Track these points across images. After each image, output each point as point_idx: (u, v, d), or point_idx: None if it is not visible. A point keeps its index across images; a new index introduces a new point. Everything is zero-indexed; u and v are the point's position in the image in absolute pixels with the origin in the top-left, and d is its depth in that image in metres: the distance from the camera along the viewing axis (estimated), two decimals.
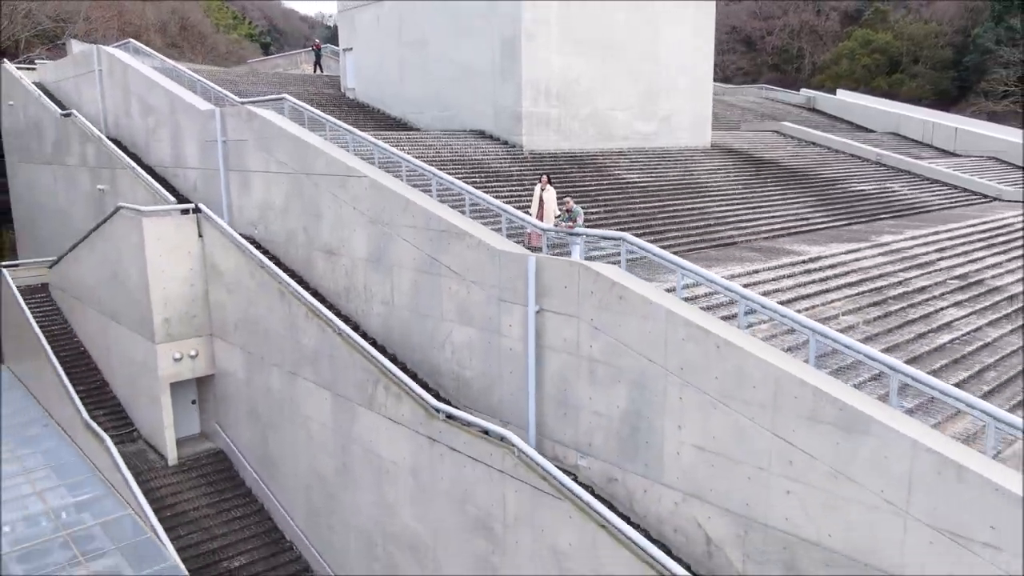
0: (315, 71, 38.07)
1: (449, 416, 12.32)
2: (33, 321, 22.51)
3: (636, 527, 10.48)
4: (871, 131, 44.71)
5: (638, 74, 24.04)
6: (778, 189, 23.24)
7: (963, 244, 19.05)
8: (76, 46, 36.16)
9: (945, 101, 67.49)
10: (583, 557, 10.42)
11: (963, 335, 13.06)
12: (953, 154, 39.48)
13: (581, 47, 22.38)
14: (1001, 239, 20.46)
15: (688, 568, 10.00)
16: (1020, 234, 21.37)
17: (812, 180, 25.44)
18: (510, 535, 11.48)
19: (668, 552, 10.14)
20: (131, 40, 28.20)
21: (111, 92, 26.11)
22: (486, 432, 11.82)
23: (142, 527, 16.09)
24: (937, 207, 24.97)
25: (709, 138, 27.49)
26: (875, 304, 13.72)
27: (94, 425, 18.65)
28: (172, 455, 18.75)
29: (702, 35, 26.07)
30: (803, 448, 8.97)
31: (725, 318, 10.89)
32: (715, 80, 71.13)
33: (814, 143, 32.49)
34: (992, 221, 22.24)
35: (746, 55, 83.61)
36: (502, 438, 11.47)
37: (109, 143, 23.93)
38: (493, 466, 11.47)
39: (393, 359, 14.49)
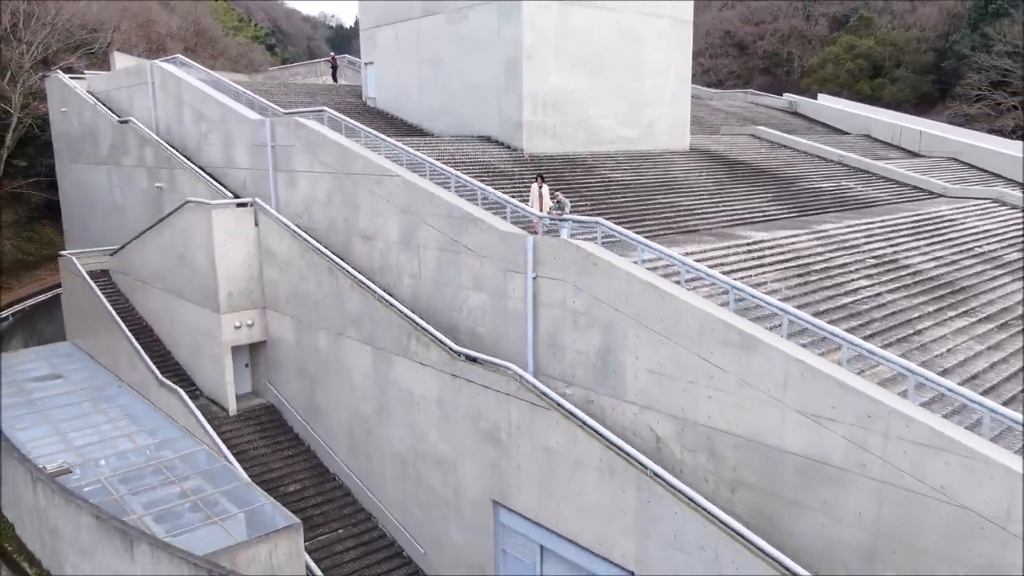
0: (333, 80, 42.05)
1: (467, 357, 16.30)
2: (105, 300, 26.48)
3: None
4: (846, 133, 48.58)
5: (623, 87, 28.00)
6: (744, 186, 27.20)
7: (891, 232, 22.99)
8: (120, 58, 40.30)
9: (926, 104, 71.50)
10: (567, 451, 14.40)
11: (864, 298, 17.01)
12: (917, 155, 43.36)
13: (574, 65, 26.35)
14: (928, 228, 24.40)
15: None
16: (947, 224, 25.32)
17: (776, 178, 29.41)
18: (513, 442, 15.47)
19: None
20: (179, 56, 32.22)
21: (163, 102, 30.10)
22: (496, 367, 15.80)
23: (216, 457, 20.08)
24: (884, 202, 28.89)
25: (688, 141, 31.43)
26: (799, 276, 17.67)
27: (168, 382, 22.65)
28: (232, 407, 22.75)
29: (680, 53, 29.99)
30: (719, 365, 12.94)
31: (676, 282, 14.83)
32: (707, 84, 75.42)
33: (785, 146, 36.44)
34: (925, 213, 26.18)
35: (738, 59, 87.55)
36: (508, 370, 15.46)
37: (168, 147, 27.92)
38: (500, 391, 15.47)
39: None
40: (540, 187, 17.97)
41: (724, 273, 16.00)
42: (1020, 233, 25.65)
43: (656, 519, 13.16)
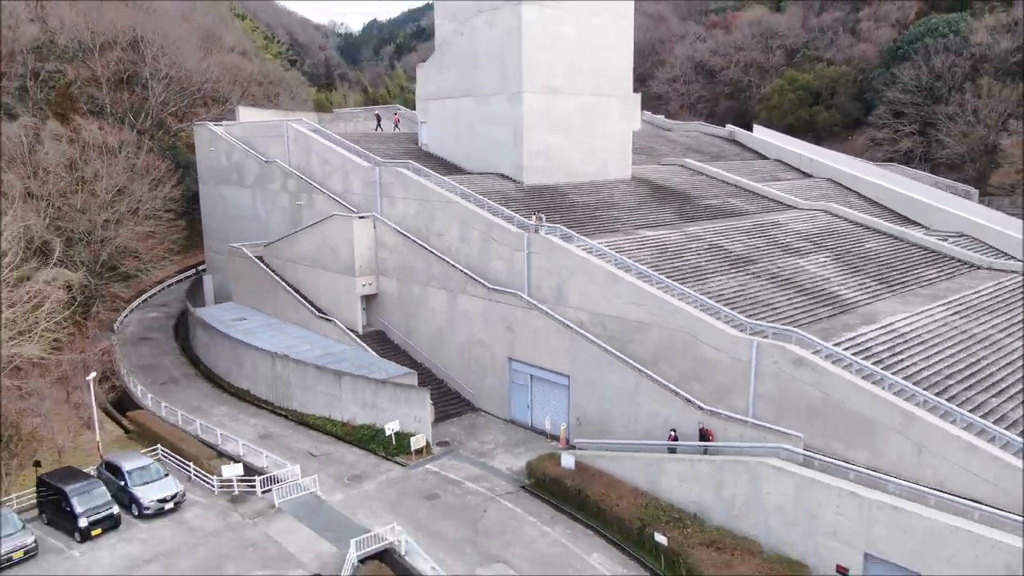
0: (378, 128, 60.38)
1: (496, 290, 35.15)
2: (272, 272, 45.32)
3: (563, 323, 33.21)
4: (766, 158, 67.33)
5: (586, 141, 46.71)
6: (657, 203, 45.94)
7: (731, 231, 41.70)
8: (243, 111, 59.36)
9: (852, 128, 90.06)
10: (543, 329, 33.21)
11: (689, 264, 35.71)
12: (809, 175, 62.07)
13: (555, 129, 45.04)
14: (759, 229, 43.06)
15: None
16: (773, 226, 43.95)
17: (683, 198, 48.12)
18: (518, 328, 34.34)
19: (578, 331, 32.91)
20: (302, 118, 51.08)
21: (294, 149, 48.96)
22: (512, 295, 34.67)
23: (360, 351, 38.90)
24: (747, 213, 47.51)
25: (630, 172, 50.08)
26: (661, 253, 36.41)
27: (325, 316, 41.52)
28: (360, 329, 41.54)
29: (623, 116, 48.63)
30: (605, 288, 31.68)
31: (593, 254, 33.35)
32: (680, 106, 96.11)
33: (701, 172, 55.12)
34: (766, 219, 44.86)
35: (707, 85, 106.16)
36: (516, 295, 34.30)
37: (308, 180, 46.79)
38: (512, 305, 34.31)
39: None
40: (535, 215, 36.79)
41: (618, 252, 34.75)
42: (818, 230, 44.37)
43: (580, 351, 31.94)
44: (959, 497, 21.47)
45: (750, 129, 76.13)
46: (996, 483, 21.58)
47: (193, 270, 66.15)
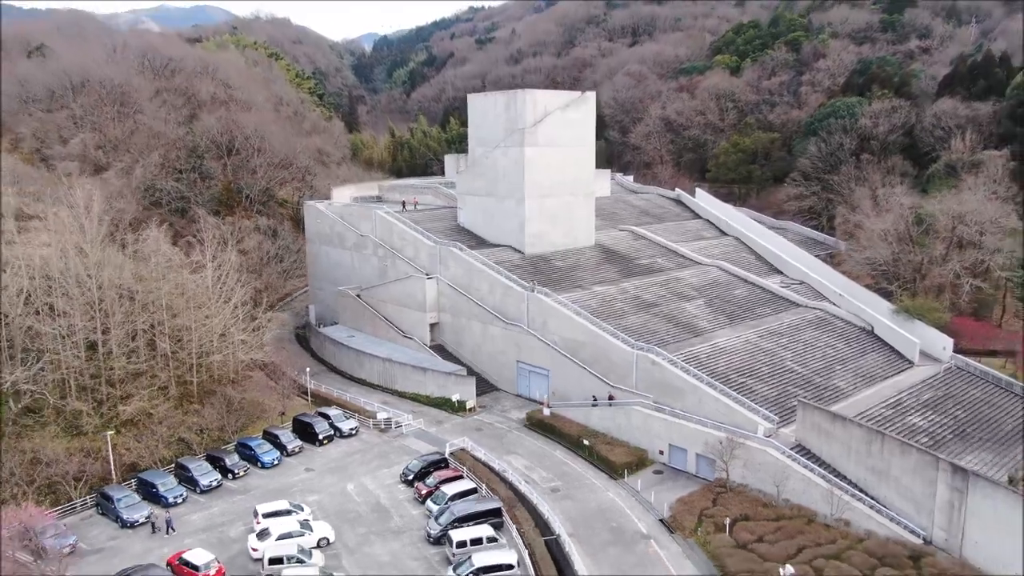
0: (403, 208, 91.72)
1: (509, 323, 66.86)
2: (368, 306, 77.15)
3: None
4: (700, 218, 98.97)
5: (565, 224, 78.43)
6: (609, 265, 77.57)
7: (649, 284, 73.32)
8: (336, 191, 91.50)
9: (779, 183, 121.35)
10: (536, 347, 64.90)
11: (611, 305, 67.27)
12: (724, 234, 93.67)
13: (544, 219, 76.76)
14: (665, 281, 74.59)
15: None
16: (675, 280, 75.44)
17: (624, 259, 79.74)
18: (522, 344, 66.10)
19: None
20: (384, 206, 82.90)
21: (380, 227, 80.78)
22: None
23: (431, 357, 70.67)
24: (666, 269, 78.98)
25: (593, 241, 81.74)
26: (601, 303, 67.94)
27: (409, 336, 73.38)
28: (427, 344, 73.28)
29: (588, 207, 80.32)
30: (571, 325, 63.29)
31: (562, 304, 64.66)
32: (651, 159, 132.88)
33: (643, 236, 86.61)
34: (675, 275, 76.42)
35: (674, 141, 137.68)
36: (523, 329, 66.10)
37: (391, 249, 78.59)
38: (519, 331, 66.13)
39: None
40: (533, 282, 68.50)
41: (576, 303, 66.35)
42: (706, 283, 75.87)
43: (554, 357, 63.67)
44: (708, 419, 52.89)
45: (704, 178, 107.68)
46: (727, 414, 52.96)
47: (289, 296, 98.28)
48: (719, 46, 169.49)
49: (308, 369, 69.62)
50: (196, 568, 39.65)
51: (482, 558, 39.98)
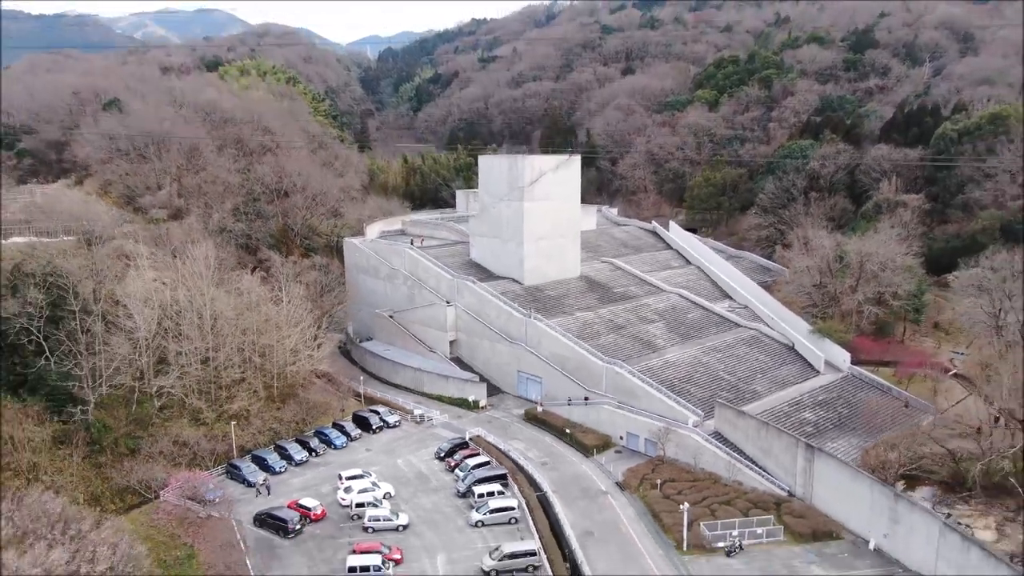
0: (412, 243, 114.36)
1: (512, 342, 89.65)
2: (400, 325, 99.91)
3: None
4: (671, 248, 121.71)
5: (557, 259, 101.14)
6: (591, 293, 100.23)
7: (623, 311, 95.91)
8: (369, 228, 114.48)
9: (746, 211, 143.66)
10: (532, 360, 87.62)
11: (590, 328, 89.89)
12: (688, 263, 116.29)
13: (541, 257, 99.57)
14: (635, 307, 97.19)
15: None
16: (643, 305, 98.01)
17: (602, 288, 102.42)
18: (522, 358, 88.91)
19: None
20: (415, 245, 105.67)
21: (408, 262, 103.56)
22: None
23: (450, 366, 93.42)
24: (637, 296, 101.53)
25: (579, 272, 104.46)
26: (583, 326, 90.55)
27: (432, 350, 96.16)
28: (447, 356, 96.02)
29: (575, 244, 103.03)
30: (558, 343, 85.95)
31: (551, 327, 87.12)
32: (635, 188, 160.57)
33: (620, 267, 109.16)
34: (643, 302, 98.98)
35: (656, 172, 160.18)
36: (520, 346, 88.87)
37: (418, 280, 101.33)
38: (520, 348, 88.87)
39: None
40: (529, 311, 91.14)
41: (562, 325, 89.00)
42: (667, 307, 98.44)
43: (546, 368, 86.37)
44: (655, 414, 75.42)
45: (682, 206, 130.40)
46: (668, 410, 75.51)
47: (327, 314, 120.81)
48: (701, 80, 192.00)
49: (361, 378, 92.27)
50: (309, 509, 62.38)
51: (494, 503, 62.64)
